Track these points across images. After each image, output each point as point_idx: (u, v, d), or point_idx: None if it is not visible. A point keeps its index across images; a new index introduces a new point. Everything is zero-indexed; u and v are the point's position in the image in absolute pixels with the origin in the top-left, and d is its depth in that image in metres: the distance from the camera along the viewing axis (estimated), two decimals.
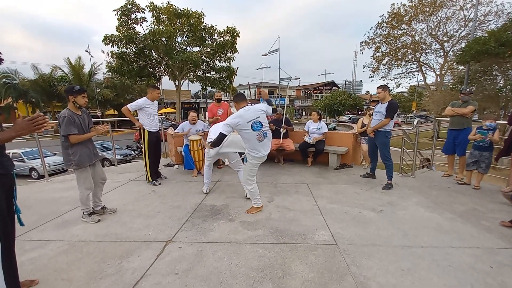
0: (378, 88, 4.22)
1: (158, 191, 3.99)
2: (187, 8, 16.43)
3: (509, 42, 10.22)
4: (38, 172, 11.80)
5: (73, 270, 2.08)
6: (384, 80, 21.06)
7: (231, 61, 17.95)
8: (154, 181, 4.32)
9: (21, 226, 1.83)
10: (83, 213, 2.93)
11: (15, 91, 24.04)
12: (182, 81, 19.20)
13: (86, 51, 25.99)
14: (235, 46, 17.34)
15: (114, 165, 6.01)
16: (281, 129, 5.40)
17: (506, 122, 4.17)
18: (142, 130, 4.15)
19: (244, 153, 3.12)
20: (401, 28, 18.72)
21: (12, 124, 1.52)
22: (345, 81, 61.24)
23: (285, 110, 5.46)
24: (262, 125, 2.92)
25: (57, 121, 2.75)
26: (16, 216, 1.79)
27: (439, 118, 8.03)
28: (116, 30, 15.95)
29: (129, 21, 16.15)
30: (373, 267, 2.11)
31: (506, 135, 3.95)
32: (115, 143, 6.34)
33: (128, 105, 4.08)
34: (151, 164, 4.29)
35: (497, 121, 4.21)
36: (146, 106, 4.10)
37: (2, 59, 1.72)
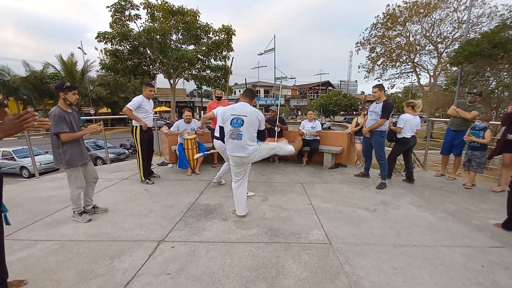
0: (374, 87, 4.23)
1: (151, 190, 3.95)
2: (182, 5, 16.28)
3: (501, 44, 10.37)
4: (28, 170, 11.58)
5: (62, 270, 2.04)
6: (379, 81, 21.24)
7: (226, 59, 17.87)
8: (147, 180, 4.28)
9: (7, 225, 1.78)
10: (73, 212, 2.88)
11: (5, 88, 23.54)
12: (177, 79, 19.05)
13: (79, 48, 25.62)
14: (230, 44, 17.26)
15: (107, 163, 5.94)
16: (276, 128, 5.39)
17: (498, 123, 4.21)
18: (134, 128, 4.12)
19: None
20: (396, 29, 18.88)
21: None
22: (341, 81, 61.66)
23: (279, 109, 5.45)
24: (242, 124, 2.73)
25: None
26: (3, 215, 1.74)
27: (432, 119, 8.12)
28: (110, 27, 15.74)
29: (123, 18, 15.94)
30: (366, 266, 2.11)
31: (499, 136, 4.00)
32: (108, 142, 6.25)
33: (128, 105, 4.05)
34: (144, 162, 4.25)
35: (490, 122, 4.23)
36: (143, 104, 4.12)
37: None
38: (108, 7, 15.41)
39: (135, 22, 16.32)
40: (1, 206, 1.70)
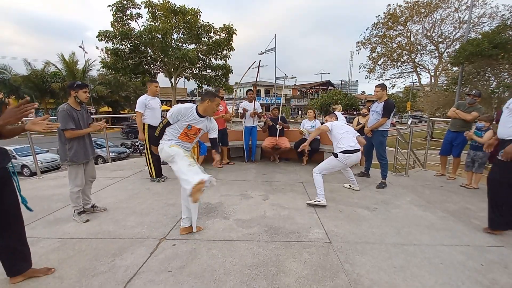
0: (376, 86, 4.22)
1: (152, 189, 3.96)
2: (183, 5, 16.28)
3: (502, 44, 10.38)
4: (30, 169, 11.63)
5: (64, 268, 2.05)
6: (379, 80, 21.22)
7: (227, 59, 17.88)
8: (158, 178, 4.30)
9: (30, 212, 1.97)
10: (74, 211, 2.89)
11: (6, 86, 23.62)
12: (177, 78, 19.06)
13: (80, 47, 25.62)
14: (231, 44, 17.27)
15: (108, 162, 5.95)
16: (277, 126, 5.41)
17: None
18: (143, 125, 4.16)
19: None
20: (397, 29, 18.87)
21: None
22: (341, 81, 61.48)
23: (280, 109, 5.48)
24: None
25: (55, 117, 2.75)
26: (24, 205, 1.88)
27: (433, 119, 8.13)
28: (111, 26, 15.75)
29: (124, 17, 15.95)
30: (366, 264, 2.12)
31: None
32: (109, 140, 6.27)
33: (136, 109, 4.10)
34: (154, 160, 4.25)
35: (494, 122, 4.21)
36: (148, 102, 4.13)
37: None
38: (109, 6, 15.41)
39: (136, 21, 16.34)
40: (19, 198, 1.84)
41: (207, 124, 2.64)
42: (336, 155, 3.42)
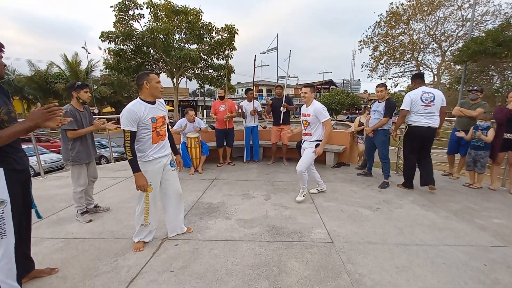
0: (379, 86, 4.18)
1: None
2: (185, 5, 16.31)
3: (505, 42, 10.30)
4: (33, 169, 11.69)
5: (68, 268, 2.07)
6: (382, 79, 21.13)
7: (229, 58, 17.88)
8: None
9: (38, 218, 1.96)
10: (77, 211, 2.92)
11: (10, 87, 23.76)
12: (179, 78, 19.10)
13: (83, 47, 25.71)
14: (233, 43, 17.27)
15: (111, 162, 5.98)
16: (281, 108, 5.08)
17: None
18: None
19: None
20: (399, 27, 18.77)
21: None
22: (343, 80, 61.23)
23: (285, 86, 5.42)
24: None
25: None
26: (34, 210, 1.90)
27: None
28: (113, 27, 15.81)
29: (126, 17, 16.00)
30: (368, 265, 2.12)
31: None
32: (112, 141, 6.30)
33: None
34: None
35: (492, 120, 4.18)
36: None
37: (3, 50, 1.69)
38: (111, 6, 15.47)
39: (138, 22, 16.38)
40: (31, 202, 1.85)
41: (162, 107, 2.36)
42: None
